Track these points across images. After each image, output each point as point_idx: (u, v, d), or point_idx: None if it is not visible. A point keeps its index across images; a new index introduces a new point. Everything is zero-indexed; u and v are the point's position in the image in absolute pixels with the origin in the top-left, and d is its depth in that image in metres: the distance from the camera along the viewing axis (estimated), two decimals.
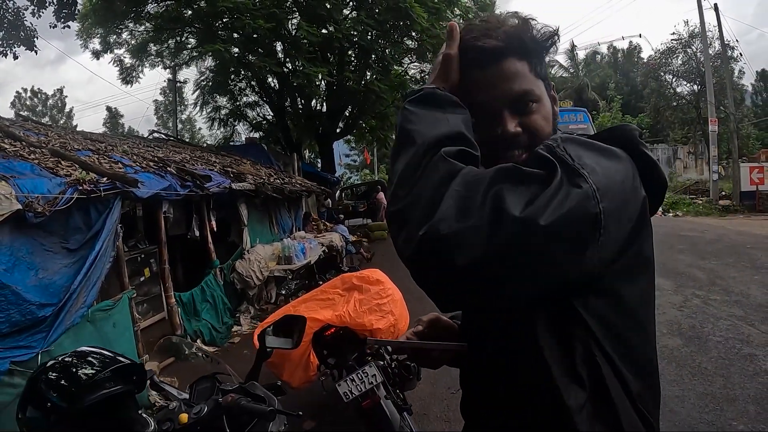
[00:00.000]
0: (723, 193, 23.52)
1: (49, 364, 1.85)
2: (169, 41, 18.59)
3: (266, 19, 13.49)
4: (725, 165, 28.48)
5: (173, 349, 6.42)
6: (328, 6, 15.46)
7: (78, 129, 13.31)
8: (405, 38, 17.58)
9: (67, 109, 54.78)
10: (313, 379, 4.24)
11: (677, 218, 20.00)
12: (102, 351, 1.99)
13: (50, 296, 4.65)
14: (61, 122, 45.69)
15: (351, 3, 17.07)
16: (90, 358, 1.91)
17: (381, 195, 24.14)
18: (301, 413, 2.11)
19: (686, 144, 39.83)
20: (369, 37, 16.58)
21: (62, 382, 1.79)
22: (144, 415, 1.91)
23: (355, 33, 15.83)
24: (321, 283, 6.89)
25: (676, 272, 9.11)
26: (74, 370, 1.84)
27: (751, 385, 4.76)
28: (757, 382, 4.81)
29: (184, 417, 1.96)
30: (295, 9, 16.45)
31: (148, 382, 2.16)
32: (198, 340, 7.19)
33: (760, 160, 25.25)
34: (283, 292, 9.12)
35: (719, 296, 7.57)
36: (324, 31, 15.60)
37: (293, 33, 15.92)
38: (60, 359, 1.88)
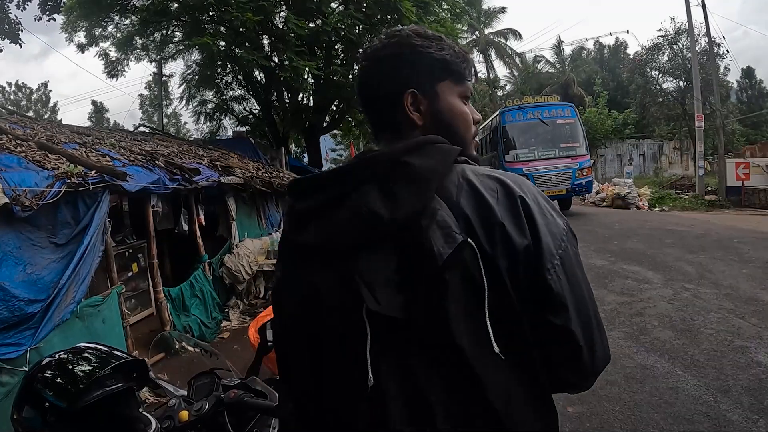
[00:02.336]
0: (709, 188, 23.68)
1: (45, 362, 1.79)
2: (155, 35, 18.35)
3: (254, 12, 13.37)
4: (711, 161, 28.70)
5: (164, 344, 6.36)
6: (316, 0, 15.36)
7: (63, 123, 13.13)
8: None
9: (51, 104, 54.34)
10: None
11: (664, 213, 20.10)
12: (99, 346, 1.93)
13: (38, 292, 4.59)
14: (46, 117, 44.97)
15: None
16: (87, 354, 1.85)
17: None
18: None
19: (672, 140, 40.18)
20: (357, 30, 16.49)
21: (59, 380, 1.73)
22: (146, 414, 1.86)
23: (343, 27, 15.73)
24: None
25: (665, 266, 9.14)
26: (71, 367, 1.78)
27: (744, 377, 4.77)
28: (750, 374, 4.82)
29: (184, 414, 1.90)
30: (282, 2, 16.33)
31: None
32: (189, 335, 7.13)
33: (745, 156, 25.47)
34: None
35: (709, 289, 7.58)
36: (312, 24, 15.49)
37: (281, 27, 15.80)
38: (57, 356, 1.82)
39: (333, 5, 16.72)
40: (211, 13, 15.31)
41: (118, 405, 1.77)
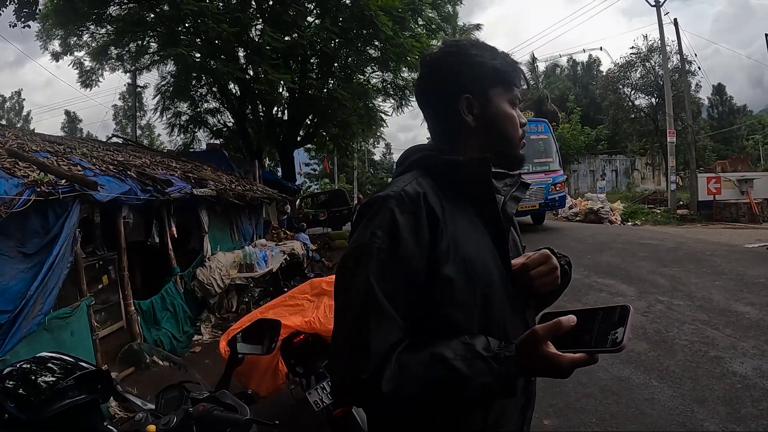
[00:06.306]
0: (681, 202, 23.97)
1: (5, 372, 1.72)
2: (130, 45, 18.22)
3: (230, 24, 13.32)
4: (683, 175, 29.09)
5: (134, 358, 6.24)
6: (293, 13, 15.34)
7: (36, 132, 12.94)
8: (368, 47, 17.52)
9: (24, 113, 53.83)
10: (282, 388, 4.15)
11: (636, 227, 20.30)
12: (64, 357, 1.86)
13: (5, 303, 4.49)
14: (19, 125, 44.47)
15: (315, 10, 16.97)
16: (51, 365, 1.79)
17: None
18: (277, 422, 2.01)
19: (644, 155, 40.71)
20: (332, 44, 16.51)
21: (21, 391, 1.66)
22: (110, 427, 1.79)
23: (319, 40, 15.75)
24: (286, 290, 6.78)
25: (639, 279, 9.17)
26: (34, 377, 1.72)
27: (720, 387, 4.78)
28: (725, 384, 4.84)
29: (151, 428, 1.84)
30: (259, 15, 16.31)
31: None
32: (160, 349, 7.00)
33: (716, 171, 25.87)
34: (246, 300, 8.98)
35: (682, 301, 7.61)
36: (287, 38, 15.46)
37: (256, 39, 15.77)
38: (18, 366, 1.75)
39: (309, 19, 16.74)
40: (187, 25, 15.25)
41: (82, 418, 1.70)
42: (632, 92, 33.20)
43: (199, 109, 21.00)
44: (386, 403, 1.23)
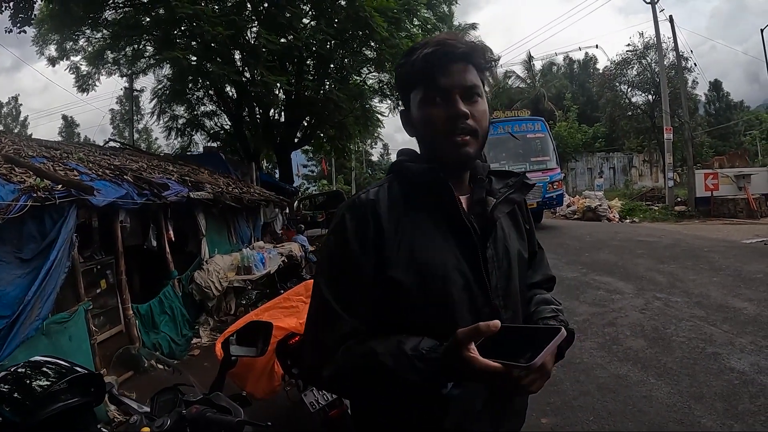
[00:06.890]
0: (678, 199, 23.95)
1: (0, 376, 1.73)
2: (127, 49, 18.22)
3: (225, 26, 13.32)
4: (680, 172, 29.08)
5: (132, 362, 6.23)
6: (288, 15, 15.33)
7: (33, 137, 12.91)
8: (364, 48, 17.51)
9: (21, 118, 53.80)
10: (278, 390, 4.15)
11: (634, 224, 20.29)
12: (57, 361, 1.88)
13: (3, 308, 4.51)
14: (16, 131, 44.46)
15: (311, 12, 16.96)
16: (45, 369, 1.81)
17: None
18: (269, 423, 2.02)
19: (641, 152, 40.71)
20: (328, 46, 16.52)
21: (15, 394, 1.68)
22: (104, 430, 1.80)
23: (315, 42, 15.75)
24: (282, 292, 6.79)
25: (636, 276, 9.19)
26: (28, 381, 1.74)
27: (717, 383, 4.78)
28: (723, 380, 4.84)
29: (145, 431, 1.86)
30: (254, 17, 16.31)
31: (107, 394, 2.04)
32: (157, 353, 6.99)
33: (714, 167, 25.88)
34: (244, 302, 8.97)
35: (680, 298, 7.62)
36: (283, 40, 15.47)
37: (252, 42, 15.77)
38: (12, 370, 1.77)
39: (305, 21, 16.73)
40: (182, 28, 15.24)
41: (75, 420, 1.72)
42: (629, 90, 33.13)
43: (195, 113, 21.05)
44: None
